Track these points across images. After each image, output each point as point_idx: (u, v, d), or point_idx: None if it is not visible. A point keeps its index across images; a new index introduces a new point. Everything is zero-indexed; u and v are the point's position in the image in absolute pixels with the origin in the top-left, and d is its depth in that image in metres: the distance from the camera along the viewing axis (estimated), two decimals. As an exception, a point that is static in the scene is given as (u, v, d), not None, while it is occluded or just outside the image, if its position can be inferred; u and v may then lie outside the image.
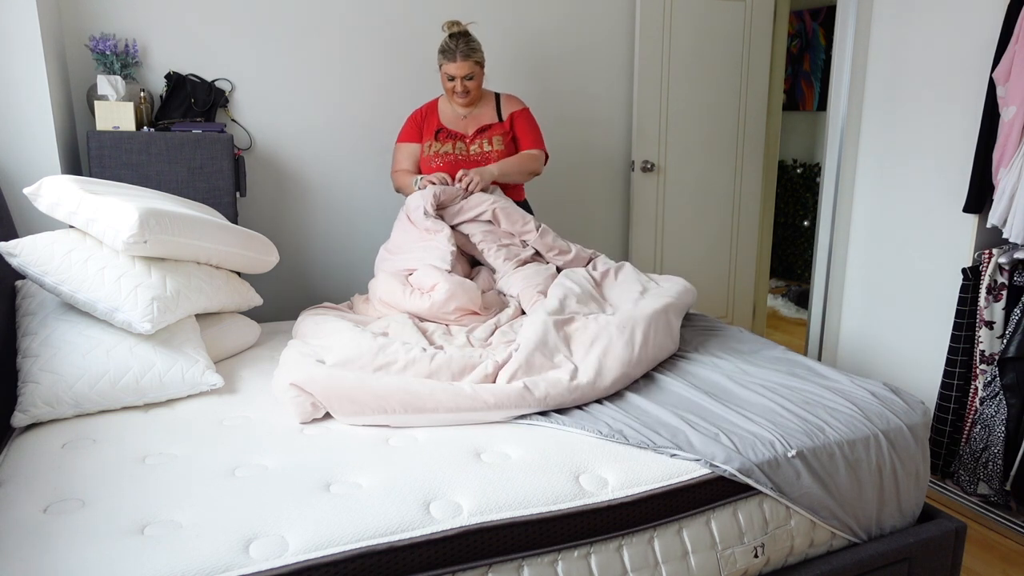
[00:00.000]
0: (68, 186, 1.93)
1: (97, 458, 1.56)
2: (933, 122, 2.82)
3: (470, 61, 2.70)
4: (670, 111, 3.73)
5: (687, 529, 1.52)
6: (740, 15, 3.80)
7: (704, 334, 2.39)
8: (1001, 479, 2.47)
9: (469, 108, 2.86)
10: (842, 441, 1.70)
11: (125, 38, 2.76)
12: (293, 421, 1.76)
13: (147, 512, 1.34)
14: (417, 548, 1.30)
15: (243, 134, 3.01)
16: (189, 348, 1.94)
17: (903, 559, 1.76)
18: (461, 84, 2.73)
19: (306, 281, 3.22)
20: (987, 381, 2.52)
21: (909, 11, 2.87)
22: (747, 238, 4.09)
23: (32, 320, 1.90)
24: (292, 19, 3.00)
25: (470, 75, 2.73)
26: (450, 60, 2.70)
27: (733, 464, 1.55)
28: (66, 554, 1.21)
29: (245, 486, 1.43)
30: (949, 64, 2.74)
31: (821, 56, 5.53)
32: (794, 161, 5.75)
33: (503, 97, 2.93)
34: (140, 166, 2.56)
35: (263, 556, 1.23)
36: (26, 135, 2.48)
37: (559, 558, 1.40)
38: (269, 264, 2.38)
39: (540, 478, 1.48)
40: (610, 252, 3.84)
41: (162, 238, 1.92)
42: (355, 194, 3.23)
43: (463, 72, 2.71)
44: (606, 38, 3.58)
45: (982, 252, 2.54)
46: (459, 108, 2.86)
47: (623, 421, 1.70)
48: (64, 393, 1.73)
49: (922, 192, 2.88)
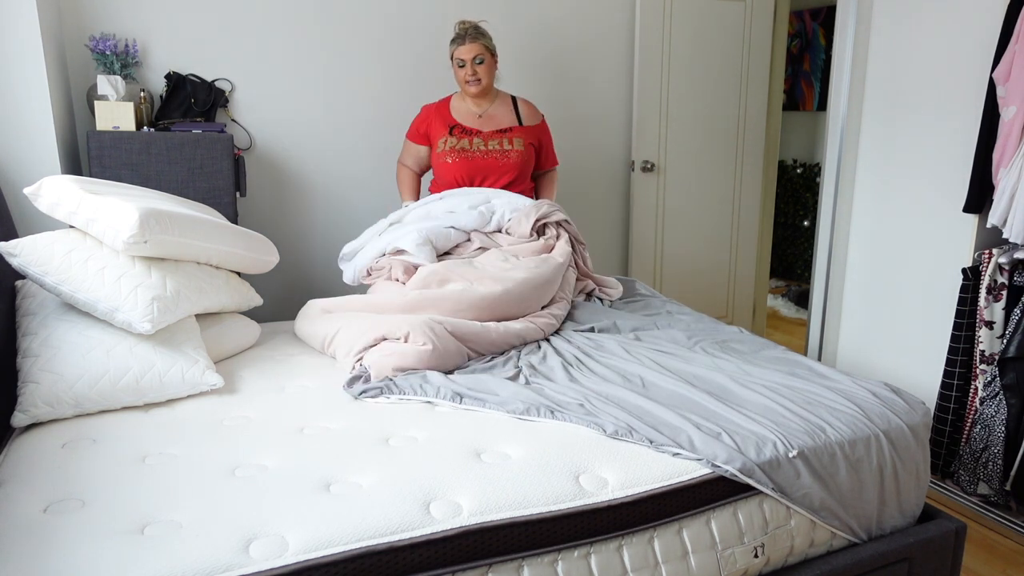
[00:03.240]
0: (68, 186, 1.93)
1: (97, 458, 1.56)
2: (933, 122, 2.82)
3: (479, 43, 2.75)
4: (670, 111, 3.73)
5: (687, 529, 1.52)
6: (740, 15, 3.80)
7: (701, 334, 2.39)
8: (1001, 479, 2.47)
9: (483, 103, 2.86)
10: (843, 441, 1.70)
11: (125, 38, 2.76)
12: (293, 421, 1.76)
13: (147, 512, 1.34)
14: (417, 548, 1.30)
15: (243, 134, 3.01)
16: (189, 348, 1.94)
17: (903, 559, 1.76)
18: (471, 67, 2.75)
19: (306, 281, 3.22)
20: (987, 381, 2.52)
21: (909, 11, 2.87)
22: (747, 238, 4.09)
23: (32, 320, 1.90)
24: (292, 19, 3.00)
25: (480, 57, 2.75)
26: (460, 43, 2.75)
27: (735, 464, 1.55)
28: (66, 554, 1.21)
29: (245, 486, 1.43)
30: (949, 64, 2.74)
31: (821, 56, 5.53)
32: (794, 161, 5.75)
33: (520, 102, 2.95)
34: (140, 166, 2.56)
35: (263, 556, 1.23)
36: (26, 135, 2.48)
37: (559, 558, 1.40)
38: (269, 264, 2.38)
39: (540, 478, 1.48)
40: (610, 252, 3.84)
41: (162, 238, 1.92)
42: (355, 194, 3.23)
43: (472, 54, 2.74)
44: (606, 38, 3.58)
45: (982, 252, 2.54)
46: (472, 105, 2.85)
47: (626, 420, 1.70)
48: (64, 393, 1.73)
49: (922, 192, 2.88)
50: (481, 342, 2.18)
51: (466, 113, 2.87)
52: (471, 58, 2.74)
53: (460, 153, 2.79)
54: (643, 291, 2.93)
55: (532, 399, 1.83)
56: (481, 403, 1.82)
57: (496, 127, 2.85)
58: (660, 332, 2.39)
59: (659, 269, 3.88)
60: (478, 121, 2.85)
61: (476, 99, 2.85)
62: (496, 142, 2.82)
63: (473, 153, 2.80)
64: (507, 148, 2.82)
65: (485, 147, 2.81)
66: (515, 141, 2.83)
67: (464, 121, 2.85)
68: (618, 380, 1.98)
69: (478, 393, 1.87)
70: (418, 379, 1.95)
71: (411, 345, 2.05)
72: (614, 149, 3.73)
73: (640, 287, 2.97)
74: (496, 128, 2.85)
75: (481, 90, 2.80)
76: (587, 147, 3.66)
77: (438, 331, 2.08)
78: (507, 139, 2.83)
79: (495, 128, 2.85)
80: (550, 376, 2.03)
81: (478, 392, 1.88)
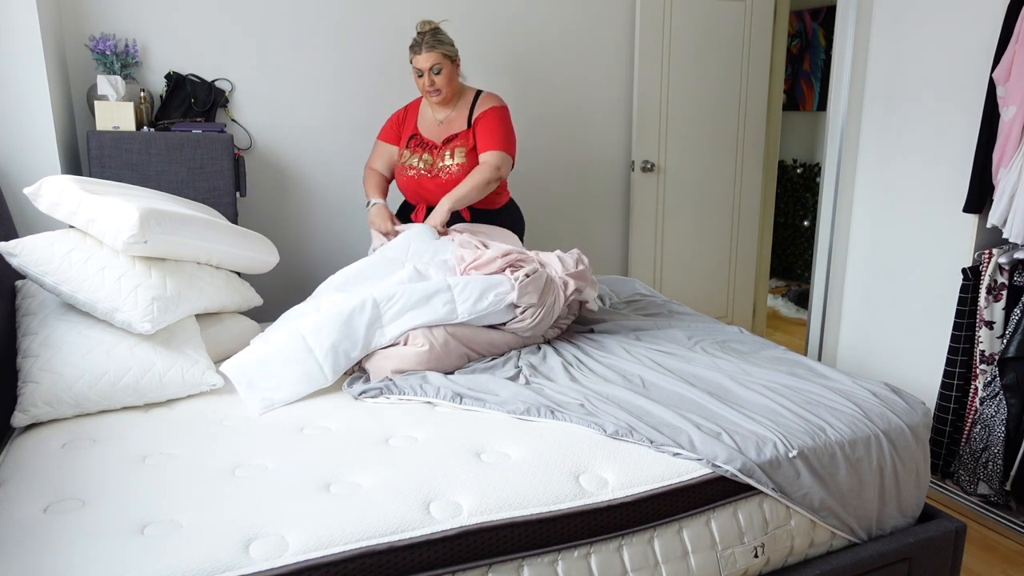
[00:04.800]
0: (68, 186, 1.93)
1: (97, 458, 1.56)
2: (933, 122, 2.82)
3: (436, 52, 2.63)
4: (670, 111, 3.73)
5: (687, 529, 1.52)
6: (740, 15, 3.80)
7: (700, 331, 2.39)
8: (1001, 479, 2.47)
9: (445, 110, 2.78)
10: (843, 441, 1.70)
11: (125, 38, 2.76)
12: (293, 421, 1.76)
13: (147, 512, 1.34)
14: (417, 548, 1.30)
15: (243, 134, 3.01)
16: (189, 348, 1.94)
17: (903, 559, 1.76)
18: (429, 77, 2.65)
19: (306, 281, 3.22)
20: (987, 381, 2.52)
21: (909, 11, 2.87)
22: (747, 238, 4.09)
23: (32, 320, 1.90)
24: (292, 19, 3.00)
25: (437, 67, 2.64)
26: (416, 53, 2.65)
27: (735, 464, 1.55)
28: (66, 554, 1.21)
29: (245, 486, 1.43)
30: (949, 64, 2.74)
31: (821, 56, 5.53)
32: (794, 161, 5.75)
33: (481, 97, 2.79)
34: (140, 166, 2.56)
35: (263, 556, 1.23)
36: (26, 135, 2.48)
37: (559, 558, 1.40)
38: (269, 264, 2.38)
39: (540, 478, 1.48)
40: (610, 252, 3.85)
41: (162, 238, 1.92)
42: (355, 194, 3.23)
43: (429, 63, 2.63)
44: (606, 38, 3.58)
45: (982, 252, 2.54)
46: (436, 111, 2.79)
47: (626, 420, 1.70)
48: (64, 393, 1.73)
49: (922, 192, 2.88)
50: (481, 343, 2.17)
51: (430, 120, 2.80)
52: (428, 68, 2.63)
53: (412, 170, 2.75)
54: (643, 291, 2.93)
55: (532, 399, 1.83)
56: (481, 403, 1.82)
57: (447, 134, 2.77)
58: (660, 332, 2.39)
59: (659, 269, 3.88)
60: (437, 130, 2.78)
61: (438, 106, 2.77)
62: (440, 159, 2.73)
63: (419, 172, 2.74)
64: (448, 163, 2.72)
65: (433, 165, 2.73)
66: (456, 153, 2.72)
67: (425, 130, 2.79)
68: (618, 380, 1.98)
69: (478, 393, 1.87)
70: (418, 379, 1.95)
71: (410, 347, 2.04)
72: (614, 149, 3.73)
73: (640, 287, 2.97)
74: (446, 136, 2.76)
75: (442, 99, 2.72)
76: (587, 147, 3.66)
77: (436, 332, 2.07)
78: (449, 152, 2.73)
79: (446, 136, 2.76)
80: (550, 376, 2.03)
81: (478, 392, 1.88)
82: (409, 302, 2.08)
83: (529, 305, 2.19)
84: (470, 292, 2.14)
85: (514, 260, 2.30)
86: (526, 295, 2.18)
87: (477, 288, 2.15)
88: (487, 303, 2.14)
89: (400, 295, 2.09)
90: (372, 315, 2.04)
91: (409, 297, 2.09)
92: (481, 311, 2.13)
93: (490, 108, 2.76)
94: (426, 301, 2.10)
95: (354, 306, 2.04)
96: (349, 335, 2.00)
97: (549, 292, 2.24)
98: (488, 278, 2.21)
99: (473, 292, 2.14)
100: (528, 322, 2.20)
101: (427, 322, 2.07)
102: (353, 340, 2.00)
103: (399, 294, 2.09)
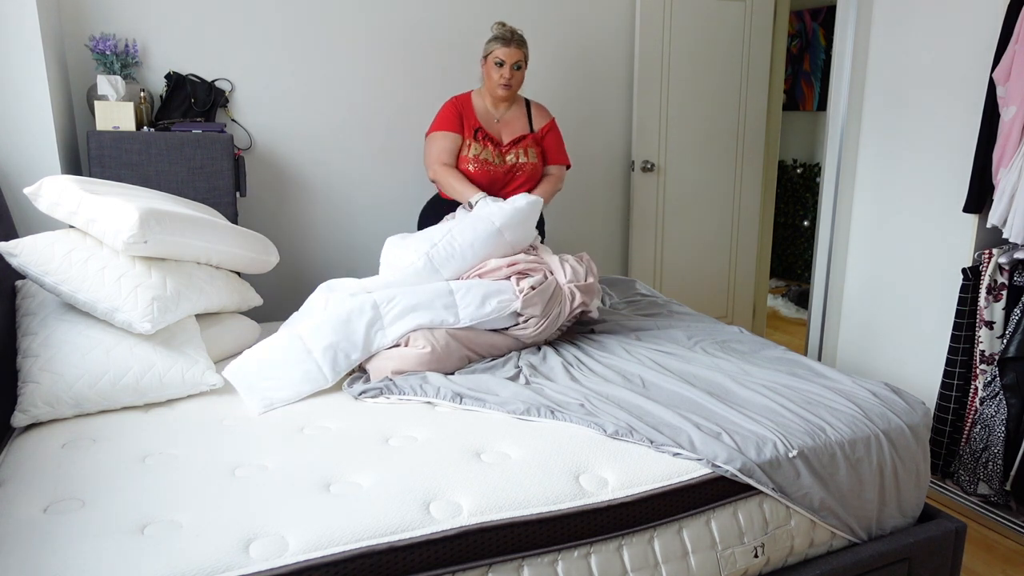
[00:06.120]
0: (68, 186, 1.93)
1: (97, 458, 1.56)
2: (933, 122, 2.82)
3: (521, 50, 2.77)
4: (670, 111, 3.73)
5: (687, 529, 1.52)
6: (740, 15, 3.80)
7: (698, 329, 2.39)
8: (1001, 479, 2.47)
9: (503, 107, 2.88)
10: (843, 441, 1.70)
11: (125, 38, 2.76)
12: (293, 421, 1.76)
13: (147, 512, 1.34)
14: (417, 548, 1.30)
15: (243, 134, 3.01)
16: (189, 348, 1.94)
17: (903, 559, 1.76)
18: (509, 71, 2.76)
19: (306, 281, 3.22)
20: (987, 381, 2.52)
21: (909, 11, 2.87)
22: (747, 238, 4.09)
23: (32, 320, 1.90)
24: (292, 19, 3.00)
25: (519, 63, 2.77)
26: (504, 45, 2.75)
27: (735, 464, 1.55)
28: (66, 554, 1.21)
29: (245, 486, 1.43)
30: (949, 64, 2.74)
31: (821, 56, 5.53)
32: (794, 161, 5.75)
33: (533, 106, 2.97)
34: (140, 166, 2.56)
35: (263, 556, 1.23)
36: (26, 135, 2.48)
37: (559, 558, 1.40)
38: (269, 264, 2.38)
39: (540, 478, 1.48)
40: (610, 252, 3.84)
41: (162, 238, 1.92)
42: (355, 194, 3.23)
43: (515, 58, 2.76)
44: (606, 38, 3.58)
45: (982, 252, 2.54)
46: (491, 106, 2.87)
47: (626, 420, 1.70)
48: (64, 393, 1.73)
49: (922, 192, 2.88)
50: (483, 345, 2.17)
51: (486, 115, 2.88)
52: (512, 62, 2.76)
53: (483, 164, 2.81)
54: (643, 291, 2.93)
55: (532, 399, 1.83)
56: (481, 403, 1.82)
57: (512, 135, 2.88)
58: (660, 332, 2.39)
59: (659, 269, 3.88)
60: (496, 127, 2.88)
61: (498, 102, 2.87)
62: (512, 155, 2.85)
63: (493, 165, 2.82)
64: (522, 161, 2.86)
65: (503, 161, 2.84)
66: (529, 152, 2.87)
67: (486, 124, 2.87)
68: (618, 380, 1.98)
69: (478, 393, 1.87)
70: (418, 379, 1.95)
71: (411, 349, 2.04)
72: (614, 149, 3.73)
73: (640, 287, 2.97)
74: (512, 137, 2.87)
75: (509, 94, 2.83)
76: (587, 147, 3.65)
77: (438, 334, 2.08)
78: (522, 150, 2.86)
79: (511, 136, 2.88)
80: (550, 376, 2.03)
81: (478, 392, 1.88)
82: (410, 304, 2.08)
83: (532, 316, 2.20)
84: (472, 297, 2.15)
85: (521, 269, 2.31)
86: (530, 307, 2.19)
87: (479, 293, 2.16)
88: (489, 309, 2.15)
89: (400, 296, 2.09)
90: (372, 316, 2.05)
91: (410, 299, 2.09)
92: (482, 317, 2.14)
93: (552, 121, 2.99)
94: (427, 303, 2.10)
95: (352, 307, 2.04)
96: (348, 336, 2.00)
97: (555, 303, 2.26)
98: (491, 284, 2.21)
99: (475, 297, 2.15)
100: (531, 331, 2.22)
101: (428, 324, 2.08)
102: (353, 341, 2.00)
103: (399, 295, 2.09)
